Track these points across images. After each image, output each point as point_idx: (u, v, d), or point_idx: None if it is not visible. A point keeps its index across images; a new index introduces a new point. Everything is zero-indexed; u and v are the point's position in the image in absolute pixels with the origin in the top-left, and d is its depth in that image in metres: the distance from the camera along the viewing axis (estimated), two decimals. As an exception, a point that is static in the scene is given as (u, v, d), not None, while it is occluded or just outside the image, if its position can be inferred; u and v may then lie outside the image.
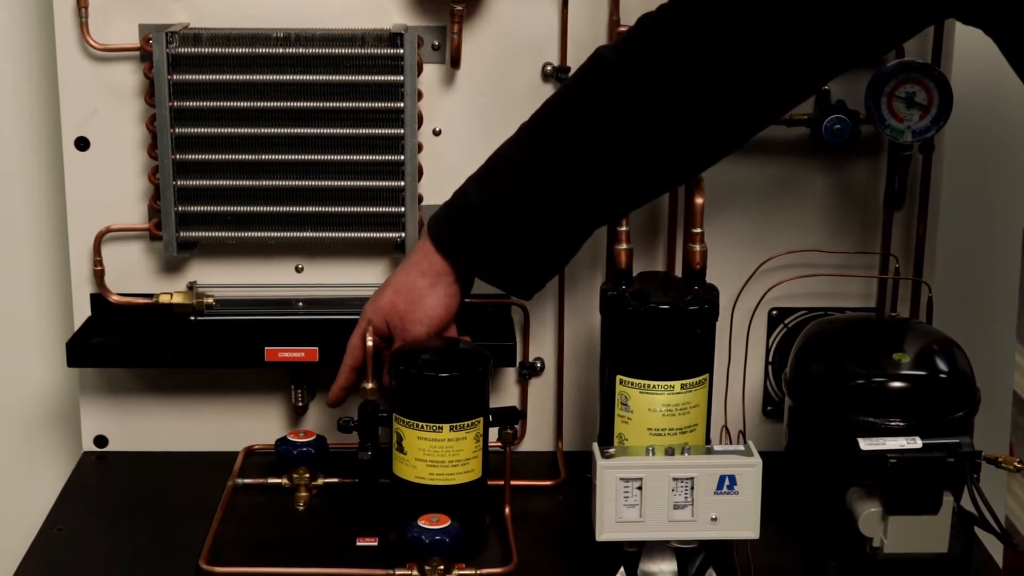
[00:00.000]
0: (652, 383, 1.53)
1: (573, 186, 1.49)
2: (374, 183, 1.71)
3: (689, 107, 1.45)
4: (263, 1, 1.70)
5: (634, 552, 1.49)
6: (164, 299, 1.75)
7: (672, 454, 1.46)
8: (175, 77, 1.67)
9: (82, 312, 1.78)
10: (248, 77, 1.68)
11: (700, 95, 1.45)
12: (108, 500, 1.74)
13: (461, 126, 1.74)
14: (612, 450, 1.47)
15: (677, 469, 1.45)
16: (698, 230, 1.57)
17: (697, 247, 1.57)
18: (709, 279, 1.58)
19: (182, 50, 1.67)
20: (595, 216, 1.54)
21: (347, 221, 1.72)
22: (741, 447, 1.48)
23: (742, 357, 1.73)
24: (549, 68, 1.72)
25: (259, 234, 1.72)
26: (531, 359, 1.82)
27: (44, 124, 1.89)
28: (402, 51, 1.66)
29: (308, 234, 1.73)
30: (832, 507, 1.52)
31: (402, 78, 1.67)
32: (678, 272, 1.74)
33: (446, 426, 1.53)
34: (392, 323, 1.57)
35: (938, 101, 1.67)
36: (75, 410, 1.86)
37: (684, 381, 1.53)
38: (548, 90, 1.69)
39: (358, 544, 1.60)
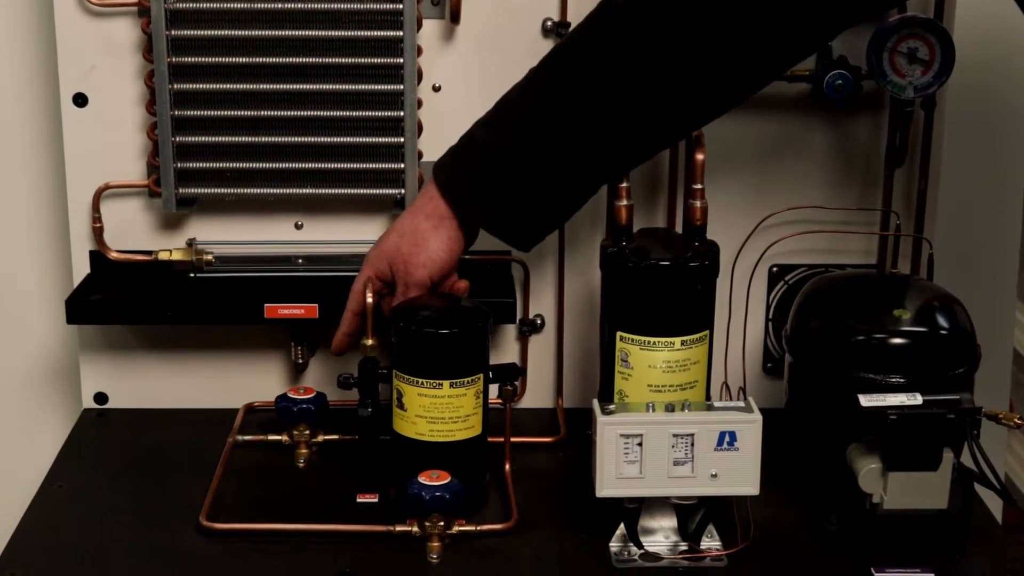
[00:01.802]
0: (652, 340, 1.53)
1: (580, 133, 1.48)
2: (374, 139, 1.70)
3: (698, 56, 1.45)
4: (261, -44, 1.69)
5: (634, 508, 1.49)
6: (163, 256, 1.74)
7: (672, 410, 1.46)
8: (173, 32, 1.66)
9: (81, 269, 1.78)
10: (247, 32, 1.67)
11: (710, 44, 1.44)
12: (108, 457, 1.74)
13: (461, 82, 1.73)
14: (612, 406, 1.47)
15: (677, 425, 1.45)
16: (699, 186, 1.57)
17: (698, 203, 1.57)
18: (710, 235, 1.58)
19: (180, 5, 1.66)
20: (601, 167, 1.53)
21: (347, 177, 1.71)
22: (741, 403, 1.48)
23: (742, 314, 1.73)
24: (549, 23, 1.71)
25: (258, 190, 1.72)
26: (531, 316, 1.82)
27: (42, 80, 1.88)
28: (401, 6, 1.66)
29: (308, 190, 1.72)
30: (832, 463, 1.52)
31: (401, 33, 1.66)
32: (679, 228, 1.74)
33: (446, 383, 1.53)
34: (395, 266, 1.57)
35: (940, 57, 1.66)
36: (75, 367, 1.86)
37: (684, 338, 1.53)
38: (548, 45, 1.68)
39: (358, 501, 1.60)
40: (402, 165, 1.70)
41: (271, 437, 1.72)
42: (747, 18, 1.43)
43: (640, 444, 1.45)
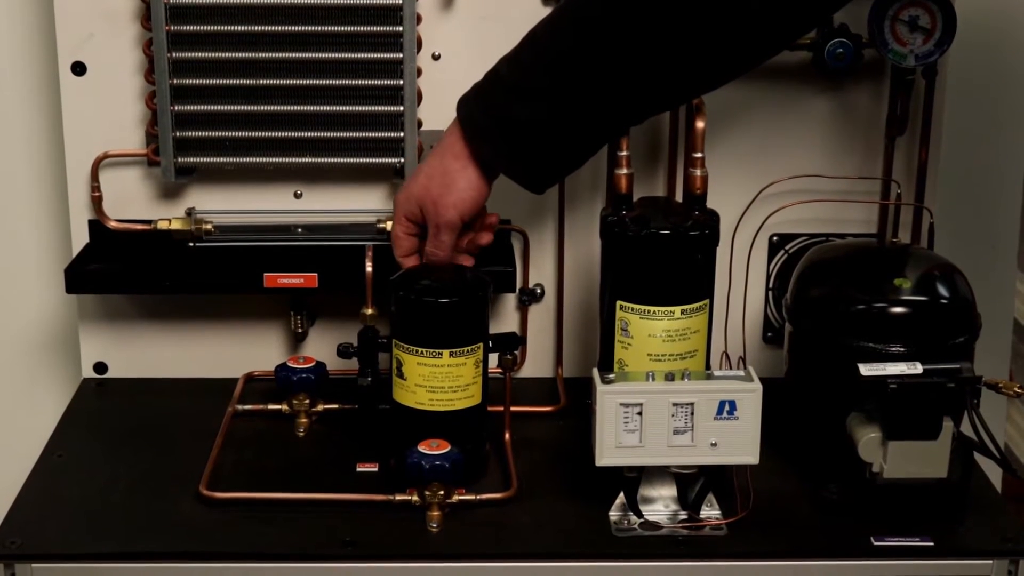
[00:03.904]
0: (652, 309, 1.53)
1: (609, 68, 1.45)
2: (373, 108, 1.70)
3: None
4: (260, -76, 1.68)
5: (634, 477, 1.50)
6: (162, 225, 1.74)
7: (672, 379, 1.46)
8: (171, 0, 1.65)
9: (80, 239, 1.78)
10: (246, 0, 1.66)
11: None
12: (108, 426, 1.74)
13: (460, 50, 1.72)
14: (612, 376, 1.47)
15: (677, 394, 1.45)
16: (699, 155, 1.57)
17: (698, 172, 1.57)
18: (710, 204, 1.57)
19: (178, -27, 1.65)
20: (626, 108, 1.50)
21: (346, 146, 1.71)
22: (741, 372, 1.48)
23: (742, 283, 1.73)
24: (549, -9, 1.71)
25: (258, 159, 1.72)
26: (531, 285, 1.81)
27: (40, 49, 1.87)
28: (401, -26, 1.65)
29: (307, 159, 1.72)
30: (832, 432, 1.53)
31: (401, 1, 1.66)
32: (679, 197, 1.73)
33: (446, 352, 1.53)
34: (426, 208, 1.56)
35: (941, 25, 1.66)
36: (74, 337, 1.86)
37: (684, 307, 1.53)
38: (548, 13, 1.67)
39: (358, 470, 1.61)
40: (401, 134, 1.70)
41: (271, 406, 1.72)
42: None
43: (640, 413, 1.45)
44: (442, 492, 1.50)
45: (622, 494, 1.51)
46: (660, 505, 1.52)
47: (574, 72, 1.47)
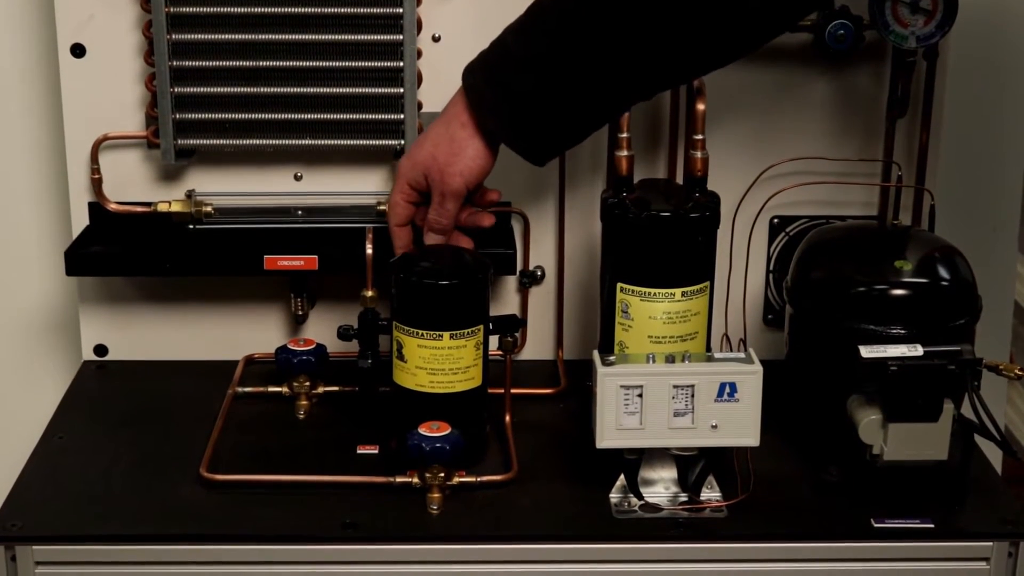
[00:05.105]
0: (653, 291, 1.53)
1: (616, 39, 1.44)
2: (373, 90, 1.69)
3: None
4: (259, -95, 1.68)
5: (634, 459, 1.50)
6: (163, 207, 1.74)
7: (672, 361, 1.46)
8: (171, -18, 1.65)
9: (80, 221, 1.77)
10: (245, -18, 1.66)
11: None
12: (109, 409, 1.74)
13: (461, 32, 1.72)
14: (612, 358, 1.47)
15: (677, 376, 1.45)
16: (699, 137, 1.56)
17: (698, 154, 1.56)
18: (710, 186, 1.57)
19: (178, -45, 1.65)
20: (630, 82, 1.49)
21: (346, 128, 1.71)
22: (742, 355, 1.48)
23: (743, 265, 1.73)
24: (550, -27, 1.70)
25: (258, 141, 1.71)
26: (531, 267, 1.81)
27: (39, 31, 1.87)
28: (401, -44, 1.65)
29: (307, 142, 1.71)
30: (832, 415, 1.53)
31: (401, -17, 1.66)
32: (679, 179, 1.73)
33: (446, 334, 1.53)
34: (431, 176, 1.55)
35: (943, 6, 1.65)
36: (75, 319, 1.86)
37: (685, 289, 1.53)
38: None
39: (359, 452, 1.61)
40: (402, 116, 1.70)
41: (271, 389, 1.72)
42: None
43: (640, 395, 1.45)
44: (442, 474, 1.50)
45: (622, 476, 1.51)
46: (660, 487, 1.52)
47: (578, 43, 1.46)
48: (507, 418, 1.64)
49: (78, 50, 1.72)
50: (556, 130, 1.53)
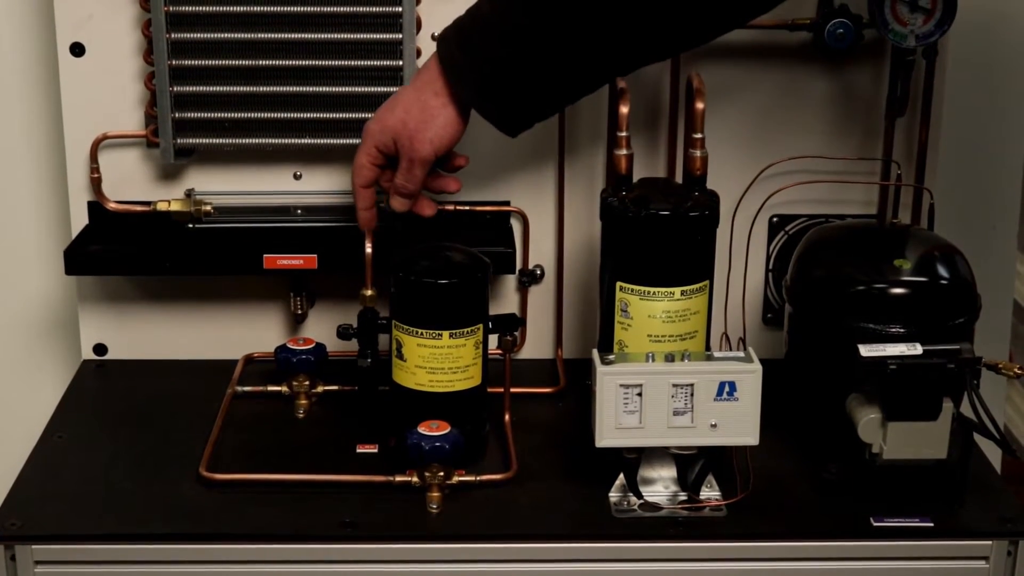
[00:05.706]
0: (652, 290, 1.52)
1: (589, 13, 1.44)
2: (373, 89, 1.69)
3: None
4: (259, -96, 1.68)
5: (633, 458, 1.50)
6: (162, 207, 1.74)
7: (672, 360, 1.46)
8: (170, -19, 1.65)
9: (79, 220, 1.77)
10: (245, -19, 1.66)
11: None
12: (108, 408, 1.74)
13: (460, 31, 1.72)
14: (612, 356, 1.47)
15: (677, 375, 1.45)
16: (699, 136, 1.56)
17: (698, 153, 1.56)
18: (710, 185, 1.57)
19: (177, -46, 1.65)
20: (605, 55, 1.48)
21: (346, 127, 1.71)
22: (741, 353, 1.48)
23: (742, 264, 1.73)
24: (549, -28, 1.70)
25: (257, 140, 1.71)
26: (531, 266, 1.81)
27: (38, 30, 1.87)
28: (400, -46, 1.65)
29: (307, 140, 1.71)
30: (832, 413, 1.53)
31: (400, -18, 1.66)
32: (679, 178, 1.73)
33: (445, 333, 1.53)
34: (400, 141, 1.54)
35: (942, 5, 1.65)
36: (74, 318, 1.86)
37: (684, 288, 1.53)
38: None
39: (358, 451, 1.61)
40: (401, 115, 1.70)
41: (270, 388, 1.72)
42: None
43: (640, 394, 1.45)
44: (442, 473, 1.50)
45: (622, 475, 1.51)
46: (660, 486, 1.52)
47: (553, 11, 1.45)
48: (506, 417, 1.64)
49: (77, 49, 1.72)
50: (530, 100, 1.52)
